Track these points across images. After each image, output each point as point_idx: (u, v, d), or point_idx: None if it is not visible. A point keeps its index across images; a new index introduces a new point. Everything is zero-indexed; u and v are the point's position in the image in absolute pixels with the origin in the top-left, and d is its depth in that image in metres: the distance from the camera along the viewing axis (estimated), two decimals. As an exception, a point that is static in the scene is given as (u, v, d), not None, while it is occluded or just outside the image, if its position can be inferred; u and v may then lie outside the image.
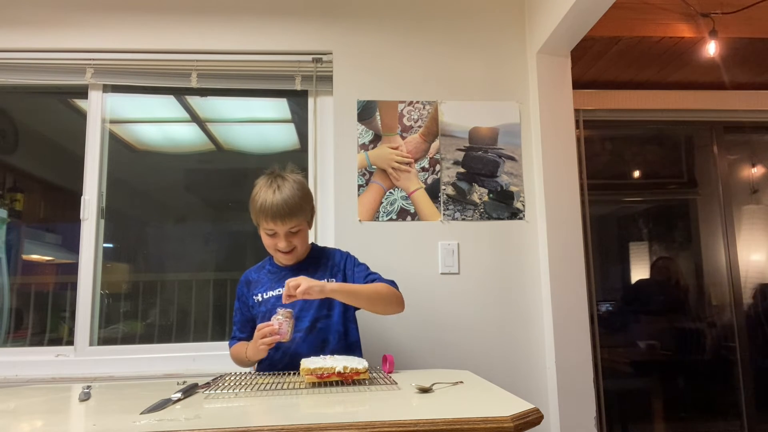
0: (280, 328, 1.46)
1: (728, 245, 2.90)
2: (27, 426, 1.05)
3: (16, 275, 2.27)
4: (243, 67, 2.25)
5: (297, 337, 1.58)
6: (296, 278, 1.47)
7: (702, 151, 3.04)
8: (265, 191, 1.58)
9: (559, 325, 2.07)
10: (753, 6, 2.34)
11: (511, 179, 2.23)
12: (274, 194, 1.56)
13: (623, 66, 2.64)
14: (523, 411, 1.03)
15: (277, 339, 1.46)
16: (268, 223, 1.57)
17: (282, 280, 1.66)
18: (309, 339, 1.60)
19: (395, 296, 1.61)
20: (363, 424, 0.96)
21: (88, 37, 2.21)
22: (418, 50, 2.28)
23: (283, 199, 1.55)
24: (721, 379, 2.84)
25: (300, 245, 1.63)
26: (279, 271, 1.70)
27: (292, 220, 1.57)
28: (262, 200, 1.57)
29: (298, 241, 1.62)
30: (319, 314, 1.62)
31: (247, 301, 1.72)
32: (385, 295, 1.59)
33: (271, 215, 1.55)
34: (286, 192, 1.56)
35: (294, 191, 1.58)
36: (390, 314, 1.65)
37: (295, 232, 1.60)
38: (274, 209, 1.54)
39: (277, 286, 1.66)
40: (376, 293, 1.58)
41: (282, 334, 1.46)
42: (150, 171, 2.41)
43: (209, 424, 0.96)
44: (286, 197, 1.55)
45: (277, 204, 1.54)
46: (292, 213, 1.56)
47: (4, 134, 2.36)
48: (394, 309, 1.61)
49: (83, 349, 2.12)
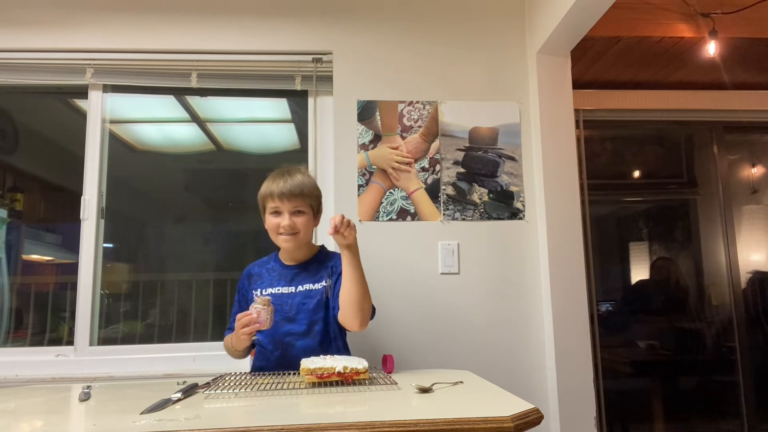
0: (259, 317, 1.49)
1: (728, 245, 2.90)
2: (27, 426, 1.05)
3: (16, 275, 2.27)
4: (243, 67, 2.25)
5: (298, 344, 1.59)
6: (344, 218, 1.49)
7: (702, 151, 3.04)
8: (274, 178, 1.65)
9: (559, 325, 2.07)
10: (753, 6, 2.34)
11: (511, 179, 2.23)
12: (283, 177, 1.63)
13: (623, 66, 2.64)
14: (523, 411, 1.03)
15: (257, 327, 1.49)
16: (274, 201, 1.61)
17: (283, 278, 1.67)
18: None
19: (369, 307, 1.57)
20: (363, 424, 0.96)
21: (88, 37, 2.21)
22: (418, 50, 2.28)
23: (293, 180, 1.62)
24: (721, 379, 2.84)
25: (303, 231, 1.63)
26: (281, 269, 1.70)
27: (299, 199, 1.61)
28: (270, 182, 1.64)
29: (301, 224, 1.62)
30: (315, 317, 1.61)
31: (246, 294, 1.72)
32: (367, 299, 1.56)
33: (278, 193, 1.60)
34: (297, 177, 1.64)
35: (303, 177, 1.65)
36: (356, 321, 1.53)
37: (299, 212, 1.62)
38: (281, 187, 1.60)
39: (277, 283, 1.66)
40: (366, 289, 1.56)
41: (261, 322, 1.49)
42: (150, 171, 2.41)
43: (209, 424, 0.97)
44: (297, 179, 1.63)
45: (285, 184, 1.61)
46: (300, 192, 1.61)
47: (4, 134, 2.36)
48: (364, 315, 1.54)
49: (83, 349, 2.12)
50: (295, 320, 1.61)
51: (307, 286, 1.64)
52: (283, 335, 1.60)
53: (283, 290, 1.65)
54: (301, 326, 1.60)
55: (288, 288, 1.65)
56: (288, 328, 1.61)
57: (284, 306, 1.62)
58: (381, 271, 2.12)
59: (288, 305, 1.62)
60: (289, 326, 1.61)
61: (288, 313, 1.62)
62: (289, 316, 1.61)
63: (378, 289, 2.10)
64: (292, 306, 1.62)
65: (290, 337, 1.60)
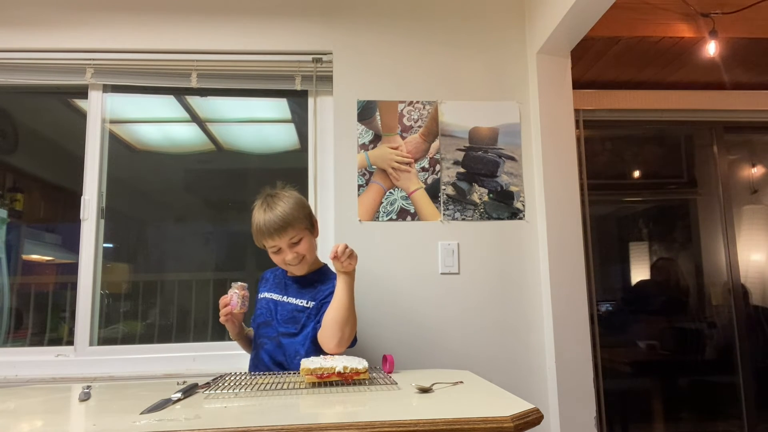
0: (231, 300, 1.62)
1: (728, 245, 2.90)
2: (27, 426, 1.05)
3: (16, 275, 2.27)
4: (243, 67, 2.25)
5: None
6: (347, 248, 1.53)
7: (702, 151, 3.04)
8: (258, 213, 1.63)
9: (559, 325, 2.07)
10: (753, 6, 2.34)
11: (511, 179, 2.23)
12: (266, 213, 1.61)
13: (623, 66, 2.64)
14: (523, 411, 1.03)
15: (228, 310, 1.62)
16: (268, 241, 1.62)
17: (282, 288, 1.74)
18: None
19: (351, 333, 1.56)
20: (363, 424, 0.96)
21: (88, 37, 2.21)
22: (418, 50, 2.28)
23: (275, 214, 1.59)
24: (721, 379, 2.84)
25: (307, 254, 1.66)
26: (283, 279, 1.76)
27: (289, 231, 1.60)
28: (257, 221, 1.62)
29: (303, 249, 1.64)
30: (286, 331, 1.65)
31: (257, 294, 1.81)
32: (350, 324, 1.55)
33: (268, 232, 1.59)
34: (278, 208, 1.61)
35: (285, 205, 1.62)
36: (333, 341, 1.52)
37: (297, 242, 1.63)
38: (269, 225, 1.59)
39: (276, 291, 1.74)
40: (352, 316, 1.56)
41: (232, 306, 1.61)
42: (150, 171, 2.41)
43: (209, 424, 0.97)
44: (278, 212, 1.60)
45: (270, 220, 1.59)
46: (287, 224, 1.59)
47: (4, 134, 2.36)
48: (342, 338, 1.53)
49: (83, 349, 2.12)
50: (286, 325, 1.66)
51: (293, 299, 1.69)
52: (275, 331, 1.67)
53: (275, 297, 1.72)
54: (290, 329, 1.65)
55: (280, 296, 1.72)
56: (282, 329, 1.66)
57: (279, 311, 1.69)
58: (381, 271, 2.12)
59: (280, 313, 1.69)
60: (282, 328, 1.66)
61: (282, 318, 1.68)
62: (282, 321, 1.68)
63: (378, 289, 2.11)
64: (283, 314, 1.68)
65: (283, 337, 1.66)
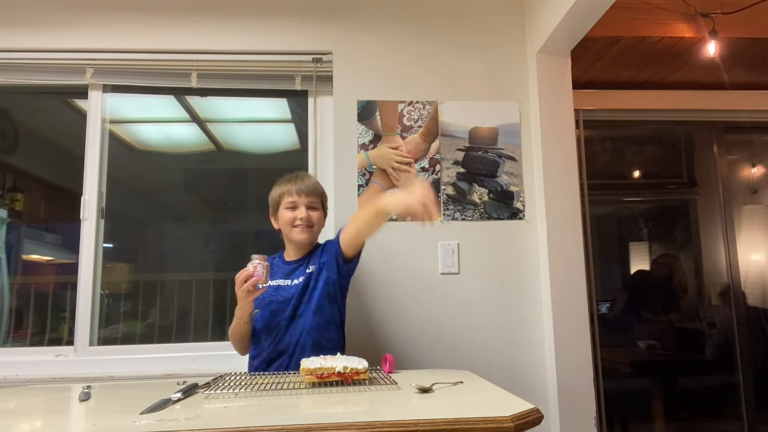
0: (255, 271, 1.52)
1: (728, 245, 2.90)
2: (27, 426, 1.05)
3: (16, 275, 2.27)
4: (243, 67, 2.25)
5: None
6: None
7: (702, 151, 3.04)
8: (288, 179, 1.76)
9: (559, 325, 2.07)
10: (753, 6, 2.34)
11: (511, 179, 2.23)
12: (297, 178, 1.75)
13: (623, 66, 2.64)
14: (523, 411, 1.03)
15: (255, 281, 1.52)
16: (291, 196, 1.71)
17: (279, 274, 1.74)
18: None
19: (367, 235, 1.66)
20: (363, 424, 0.96)
21: (88, 37, 2.21)
22: (418, 50, 2.28)
23: (309, 179, 1.77)
24: (721, 380, 2.84)
25: (317, 225, 1.73)
26: (282, 264, 1.78)
27: (313, 196, 1.73)
28: (285, 183, 1.74)
29: (315, 218, 1.72)
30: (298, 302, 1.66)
31: None
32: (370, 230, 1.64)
33: (296, 190, 1.71)
34: (310, 178, 1.79)
35: (315, 180, 1.80)
36: (350, 231, 1.65)
37: (314, 208, 1.72)
38: (299, 183, 1.72)
39: (277, 277, 1.74)
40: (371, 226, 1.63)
41: (258, 276, 1.52)
42: (150, 171, 2.41)
43: (209, 424, 0.97)
44: (311, 180, 1.78)
45: (302, 181, 1.73)
46: (316, 189, 1.74)
47: (4, 134, 2.36)
48: (359, 236, 1.64)
49: (83, 349, 2.12)
50: (289, 304, 1.66)
51: (302, 278, 1.70)
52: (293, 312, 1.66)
53: (281, 282, 1.72)
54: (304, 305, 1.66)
55: (285, 281, 1.72)
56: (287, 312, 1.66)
57: (282, 295, 1.68)
58: (381, 271, 2.12)
59: (282, 297, 1.68)
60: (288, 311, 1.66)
61: (286, 299, 1.67)
62: (286, 301, 1.67)
63: (378, 289, 2.11)
64: (286, 297, 1.67)
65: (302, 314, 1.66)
